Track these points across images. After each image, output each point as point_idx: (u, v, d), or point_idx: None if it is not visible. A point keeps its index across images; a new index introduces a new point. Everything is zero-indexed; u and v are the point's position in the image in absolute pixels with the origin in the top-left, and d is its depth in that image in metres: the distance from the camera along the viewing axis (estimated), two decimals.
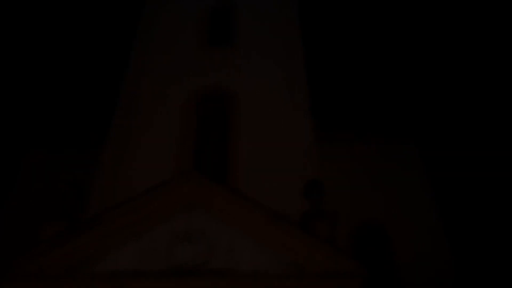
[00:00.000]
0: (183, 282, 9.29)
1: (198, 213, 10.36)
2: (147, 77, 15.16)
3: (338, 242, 10.24)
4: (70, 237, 9.76)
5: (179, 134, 13.84)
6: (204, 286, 9.25)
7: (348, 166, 15.77)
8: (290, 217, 10.29)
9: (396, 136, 16.66)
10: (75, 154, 16.30)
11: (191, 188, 10.54)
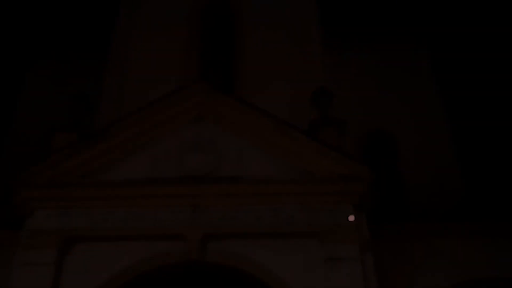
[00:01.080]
0: (194, 188, 9.56)
1: (207, 123, 10.43)
2: None
3: (346, 149, 10.36)
4: (82, 147, 9.94)
5: (185, 42, 13.61)
6: (214, 192, 9.54)
7: (357, 73, 15.57)
8: (298, 126, 10.36)
9: (406, 41, 16.23)
10: (83, 64, 16.15)
11: (200, 98, 10.53)
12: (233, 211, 9.39)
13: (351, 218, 9.23)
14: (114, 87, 13.08)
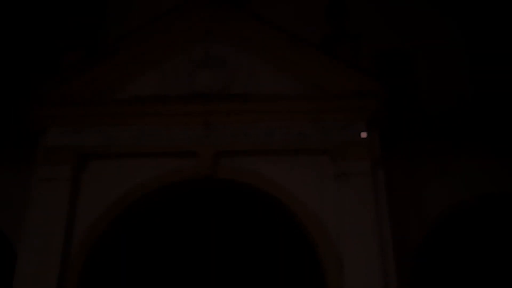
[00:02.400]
0: (205, 106, 9.48)
1: (217, 38, 10.14)
2: None
3: (361, 65, 10.07)
4: (92, 65, 9.82)
5: None
6: (226, 110, 9.46)
7: None
8: (311, 41, 10.04)
9: None
10: None
11: (209, 12, 10.18)
12: (244, 129, 9.37)
13: (364, 134, 9.16)
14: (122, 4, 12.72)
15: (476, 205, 9.99)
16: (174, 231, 9.25)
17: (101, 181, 9.20)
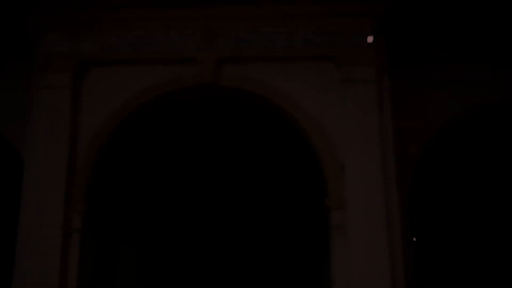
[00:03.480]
0: (206, 10, 9.12)
1: None
2: None
3: None
4: None
5: None
6: (227, 14, 9.08)
7: None
8: None
9: None
10: None
11: None
12: (247, 35, 9.08)
13: (370, 39, 8.88)
14: None
15: (482, 113, 9.88)
16: (177, 140, 9.31)
17: (101, 89, 9.10)
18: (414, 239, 9.67)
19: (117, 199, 9.30)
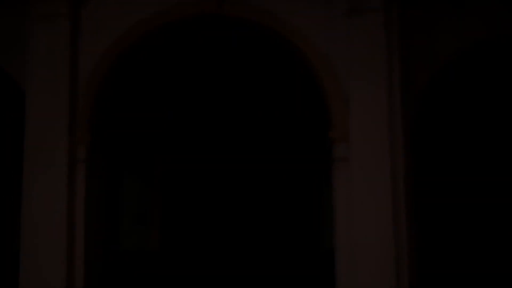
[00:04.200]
0: None
1: None
2: None
3: None
4: None
5: None
6: None
7: None
8: None
9: None
10: None
11: None
12: None
13: None
14: None
15: (492, 45, 9.63)
16: (180, 69, 9.16)
17: (101, 18, 8.83)
18: None
19: (121, 129, 9.29)
